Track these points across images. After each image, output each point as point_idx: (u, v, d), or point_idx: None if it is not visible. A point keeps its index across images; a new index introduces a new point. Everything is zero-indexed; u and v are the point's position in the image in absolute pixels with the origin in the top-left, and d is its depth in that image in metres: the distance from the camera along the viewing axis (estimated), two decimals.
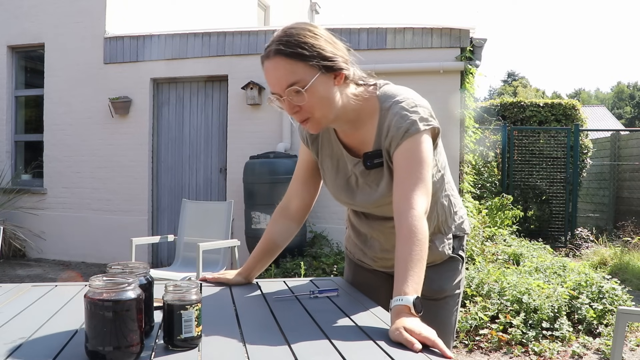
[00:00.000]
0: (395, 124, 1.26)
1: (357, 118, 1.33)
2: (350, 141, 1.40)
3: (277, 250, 1.60)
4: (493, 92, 45.07)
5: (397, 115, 1.26)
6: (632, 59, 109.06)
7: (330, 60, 1.22)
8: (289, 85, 1.20)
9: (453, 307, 1.51)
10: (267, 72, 1.23)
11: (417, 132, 1.24)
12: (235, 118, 6.18)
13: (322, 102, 1.23)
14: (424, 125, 1.26)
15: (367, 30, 5.79)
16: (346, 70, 1.25)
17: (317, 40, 1.21)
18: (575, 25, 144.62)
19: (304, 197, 1.56)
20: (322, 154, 1.47)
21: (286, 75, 1.19)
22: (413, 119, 1.25)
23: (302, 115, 1.24)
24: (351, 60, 1.29)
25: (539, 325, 3.55)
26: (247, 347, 1.02)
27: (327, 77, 1.22)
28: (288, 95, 1.21)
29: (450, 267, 1.50)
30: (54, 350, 0.98)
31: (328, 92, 1.23)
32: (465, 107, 5.62)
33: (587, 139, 8.75)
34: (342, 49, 1.28)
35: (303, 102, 1.21)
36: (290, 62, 1.19)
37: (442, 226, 1.46)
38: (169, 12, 7.70)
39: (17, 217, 6.59)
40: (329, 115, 1.26)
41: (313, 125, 1.27)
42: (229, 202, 4.32)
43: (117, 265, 1.12)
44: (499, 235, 5.85)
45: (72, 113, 6.64)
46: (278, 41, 1.21)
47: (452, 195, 1.49)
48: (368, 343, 1.05)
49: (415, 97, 1.31)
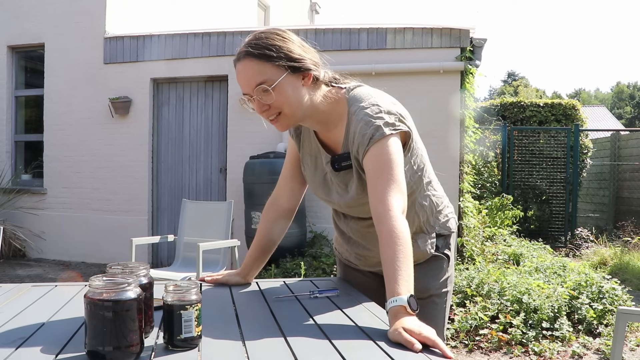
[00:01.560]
0: (360, 131, 1.28)
1: (327, 119, 1.37)
2: (326, 140, 1.43)
3: (272, 247, 1.62)
4: (493, 92, 45.07)
5: (361, 122, 1.29)
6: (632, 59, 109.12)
7: (297, 61, 1.27)
8: (257, 85, 1.25)
9: (440, 306, 1.52)
10: (238, 74, 1.29)
11: (382, 137, 1.26)
12: (235, 118, 6.18)
13: (290, 101, 1.28)
14: (390, 130, 1.27)
15: (367, 30, 5.78)
16: (315, 71, 1.30)
17: (284, 43, 1.27)
18: (575, 25, 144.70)
19: (293, 192, 1.59)
20: (303, 151, 1.51)
21: (254, 75, 1.26)
22: (377, 125, 1.27)
23: (270, 113, 1.30)
24: (322, 63, 1.34)
25: (539, 325, 3.55)
26: (247, 347, 1.02)
27: (295, 77, 1.27)
28: (257, 94, 1.26)
29: (435, 266, 1.51)
30: (54, 350, 0.98)
31: (295, 92, 1.28)
32: (465, 107, 5.61)
33: (587, 139, 8.75)
34: (311, 52, 1.33)
35: (271, 100, 1.26)
36: (258, 63, 1.25)
37: (424, 226, 1.47)
38: (169, 12, 7.70)
39: (17, 217, 6.59)
40: (297, 113, 1.31)
41: (282, 124, 1.32)
42: (229, 202, 4.32)
43: (117, 265, 1.12)
44: (499, 235, 5.85)
45: (72, 113, 6.64)
46: (247, 44, 1.27)
47: (434, 195, 1.49)
48: (368, 343, 1.05)
49: (382, 102, 1.32)
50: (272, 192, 1.62)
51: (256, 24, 11.01)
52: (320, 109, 1.34)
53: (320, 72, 1.32)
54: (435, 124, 5.29)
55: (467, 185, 5.73)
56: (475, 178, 6.89)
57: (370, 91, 1.36)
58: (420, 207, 1.45)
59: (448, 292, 1.54)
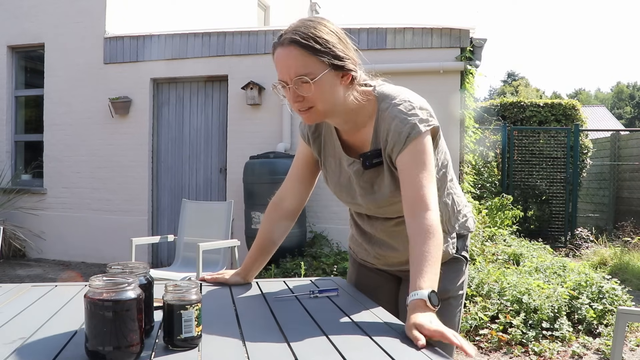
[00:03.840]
0: (395, 129, 1.27)
1: (356, 119, 1.35)
2: (351, 141, 1.41)
3: (273, 248, 1.60)
4: (493, 92, 45.06)
5: (396, 119, 1.27)
6: (632, 59, 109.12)
7: (341, 59, 1.24)
8: (298, 75, 1.22)
9: (456, 309, 1.50)
10: (278, 59, 1.25)
11: (418, 135, 1.25)
12: (235, 118, 6.18)
13: (325, 97, 1.26)
14: (424, 127, 1.26)
15: (367, 30, 5.79)
16: (354, 72, 1.28)
17: (331, 37, 1.24)
18: (575, 25, 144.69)
19: (300, 194, 1.56)
20: (325, 154, 1.48)
21: (297, 65, 1.22)
22: (413, 122, 1.26)
23: (303, 105, 1.27)
24: (359, 63, 1.31)
25: (539, 326, 3.55)
26: (247, 347, 1.02)
27: (335, 75, 1.25)
28: (295, 84, 1.23)
29: (454, 268, 1.49)
30: (54, 350, 0.98)
31: (333, 90, 1.26)
32: (465, 107, 5.62)
33: (587, 139, 8.75)
34: (352, 50, 1.30)
35: (308, 93, 1.24)
36: (303, 53, 1.21)
37: (446, 225, 1.45)
38: (169, 12, 7.70)
39: (17, 217, 6.59)
40: (329, 110, 1.29)
41: (311, 117, 1.30)
42: (229, 202, 4.32)
43: (117, 265, 1.12)
44: (499, 235, 5.84)
45: (72, 113, 6.64)
46: (294, 31, 1.23)
47: (455, 193, 1.49)
48: (368, 343, 1.05)
49: (412, 99, 1.31)
50: (276, 192, 1.60)
51: (256, 24, 11.01)
52: (349, 108, 1.32)
53: (358, 72, 1.30)
54: None
55: (467, 185, 5.73)
56: (475, 178, 6.89)
57: (396, 88, 1.35)
58: (443, 205, 1.43)
59: (463, 295, 1.53)
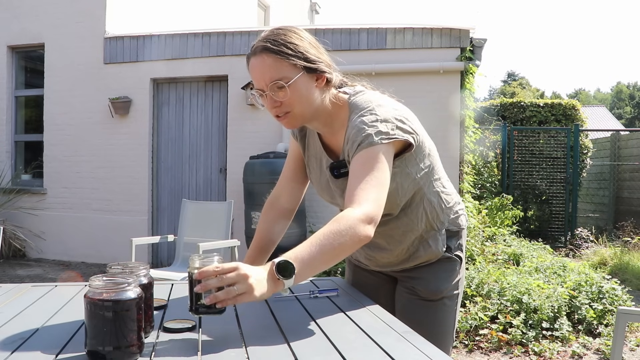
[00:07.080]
0: (351, 138, 1.28)
1: (332, 122, 1.37)
2: (332, 145, 1.43)
3: (271, 247, 1.60)
4: (493, 92, 45.05)
5: (355, 129, 1.27)
6: (632, 59, 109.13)
7: (313, 62, 1.27)
8: (272, 81, 1.25)
9: (451, 308, 1.51)
10: (252, 69, 1.29)
11: (370, 146, 1.23)
12: (235, 118, 6.18)
13: (301, 101, 1.28)
14: (381, 139, 1.23)
15: (367, 30, 5.78)
16: (328, 74, 1.31)
17: (302, 42, 1.28)
18: (575, 25, 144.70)
19: (294, 193, 1.59)
20: (308, 153, 1.51)
21: (271, 71, 1.25)
22: (368, 133, 1.24)
23: (281, 110, 1.29)
24: (334, 66, 1.34)
25: (539, 326, 3.55)
26: (247, 347, 1.02)
27: (309, 77, 1.28)
28: (271, 90, 1.26)
29: (447, 267, 1.50)
30: (54, 350, 0.98)
31: (308, 92, 1.28)
32: (465, 107, 5.62)
33: (587, 139, 8.75)
34: (325, 53, 1.33)
35: (285, 98, 1.26)
36: (275, 59, 1.25)
37: (435, 222, 1.46)
38: (169, 12, 7.70)
39: (17, 217, 6.59)
40: (306, 114, 1.31)
41: (290, 121, 1.32)
42: (229, 202, 4.32)
43: (117, 265, 1.12)
44: (499, 235, 5.84)
45: (72, 113, 6.64)
46: (265, 39, 1.27)
47: (443, 192, 1.48)
48: (368, 343, 1.05)
49: (380, 111, 1.29)
50: (272, 191, 1.62)
51: (256, 24, 11.01)
52: (327, 111, 1.34)
53: (332, 74, 1.32)
54: (435, 124, 5.26)
55: (467, 185, 5.74)
56: (475, 178, 6.89)
57: (372, 97, 1.34)
58: (428, 203, 1.44)
59: (459, 294, 1.53)
